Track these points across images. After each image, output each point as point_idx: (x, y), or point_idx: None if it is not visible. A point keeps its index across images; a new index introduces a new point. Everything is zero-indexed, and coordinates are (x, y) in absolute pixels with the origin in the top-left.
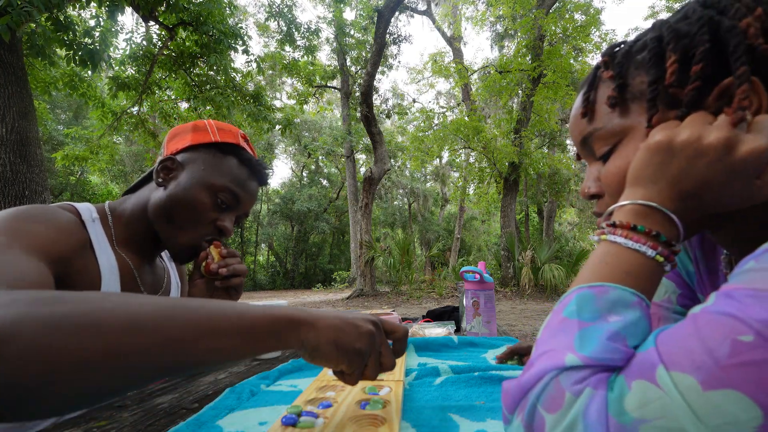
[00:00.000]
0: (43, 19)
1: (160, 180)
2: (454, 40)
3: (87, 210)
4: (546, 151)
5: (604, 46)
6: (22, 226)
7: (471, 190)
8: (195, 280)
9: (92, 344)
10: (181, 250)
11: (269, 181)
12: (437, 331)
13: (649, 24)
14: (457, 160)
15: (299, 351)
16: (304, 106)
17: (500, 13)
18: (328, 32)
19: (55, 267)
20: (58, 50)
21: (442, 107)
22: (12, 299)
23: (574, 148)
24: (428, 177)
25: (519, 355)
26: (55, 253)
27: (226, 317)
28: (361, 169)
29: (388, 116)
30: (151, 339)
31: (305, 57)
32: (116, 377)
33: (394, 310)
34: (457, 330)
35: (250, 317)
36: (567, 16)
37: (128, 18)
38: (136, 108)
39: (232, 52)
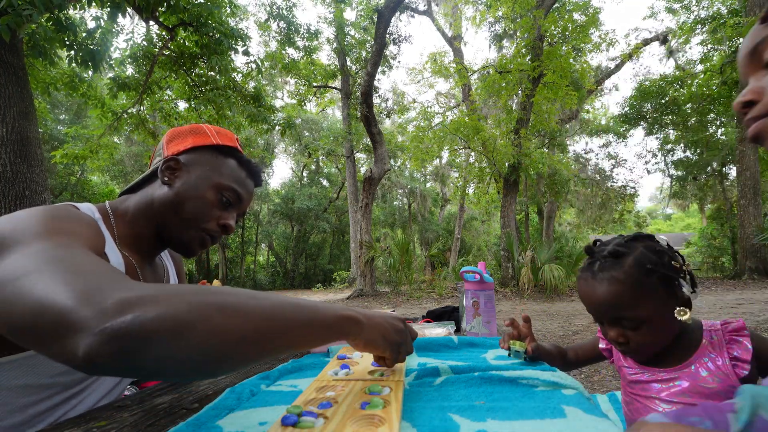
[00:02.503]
0: (44, 19)
1: (166, 179)
2: (454, 40)
3: (89, 210)
4: (546, 151)
5: (604, 47)
6: (67, 226)
7: (471, 190)
8: None
9: (250, 326)
10: (187, 244)
11: (267, 182)
12: (437, 331)
13: (648, 24)
14: (457, 160)
15: (354, 341)
16: (306, 105)
17: (500, 13)
18: (328, 32)
19: None
20: (59, 50)
21: (442, 107)
22: (174, 291)
23: (574, 149)
24: (428, 177)
25: (519, 339)
26: (96, 252)
27: (316, 313)
28: (361, 169)
29: (388, 116)
30: (276, 324)
31: (305, 58)
32: (255, 351)
33: (394, 311)
34: (457, 330)
35: (330, 314)
36: (566, 16)
37: (128, 18)
38: (136, 108)
39: (233, 52)
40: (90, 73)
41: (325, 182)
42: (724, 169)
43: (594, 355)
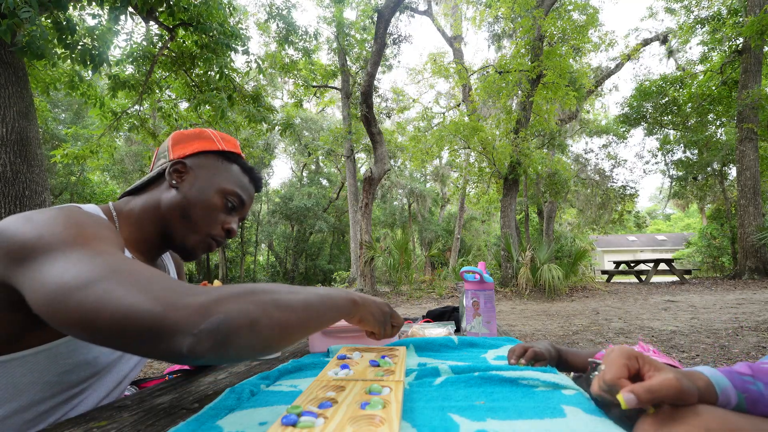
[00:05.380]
0: (43, 18)
1: (174, 182)
2: (454, 41)
3: (95, 211)
4: (546, 151)
5: (603, 47)
6: (97, 231)
7: (471, 190)
8: None
9: (296, 316)
10: (192, 247)
11: (267, 182)
12: (437, 331)
13: (648, 24)
14: (457, 160)
15: (351, 318)
16: (306, 104)
17: (499, 13)
18: (328, 32)
19: None
20: (58, 50)
21: (442, 107)
22: (235, 292)
23: (574, 149)
24: (428, 177)
25: (535, 360)
26: None
27: (332, 298)
28: (361, 169)
29: (388, 116)
30: (311, 312)
31: (304, 59)
32: (299, 334)
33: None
34: (457, 330)
35: (338, 298)
36: (566, 16)
37: (129, 19)
38: (136, 107)
39: (232, 53)
40: (90, 73)
41: (324, 182)
42: (724, 169)
43: (583, 369)
